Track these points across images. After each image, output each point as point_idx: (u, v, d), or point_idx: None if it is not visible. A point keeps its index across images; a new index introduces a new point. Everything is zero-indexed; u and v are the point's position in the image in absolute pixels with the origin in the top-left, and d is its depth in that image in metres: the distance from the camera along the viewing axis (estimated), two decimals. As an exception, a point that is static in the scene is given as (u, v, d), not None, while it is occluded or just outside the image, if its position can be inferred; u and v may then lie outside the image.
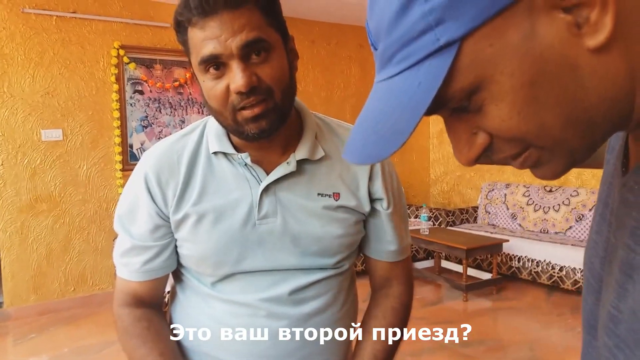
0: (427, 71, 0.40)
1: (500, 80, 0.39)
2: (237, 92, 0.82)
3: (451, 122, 0.45)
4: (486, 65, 0.39)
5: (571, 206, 4.84)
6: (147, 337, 0.95)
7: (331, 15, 5.30)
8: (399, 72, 0.42)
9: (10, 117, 4.06)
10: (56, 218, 4.27)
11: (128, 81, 4.49)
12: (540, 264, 4.53)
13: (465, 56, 0.39)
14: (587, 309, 0.52)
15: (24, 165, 4.13)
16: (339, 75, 5.69)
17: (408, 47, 0.40)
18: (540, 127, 0.41)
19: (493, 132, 0.42)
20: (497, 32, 0.38)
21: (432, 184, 6.56)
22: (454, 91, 0.40)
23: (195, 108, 4.79)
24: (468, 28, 0.38)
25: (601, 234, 0.49)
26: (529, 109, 0.40)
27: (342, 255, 1.00)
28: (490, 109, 0.41)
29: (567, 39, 0.38)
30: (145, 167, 0.95)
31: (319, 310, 0.98)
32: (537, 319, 3.93)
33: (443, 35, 0.38)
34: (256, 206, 0.93)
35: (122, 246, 0.98)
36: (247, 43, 0.80)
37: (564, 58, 0.38)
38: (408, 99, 0.41)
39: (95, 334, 3.73)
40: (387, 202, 1.01)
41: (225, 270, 0.94)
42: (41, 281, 4.23)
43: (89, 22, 4.30)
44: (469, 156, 0.44)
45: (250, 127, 0.85)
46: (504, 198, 5.46)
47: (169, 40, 4.64)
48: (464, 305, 4.29)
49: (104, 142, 4.42)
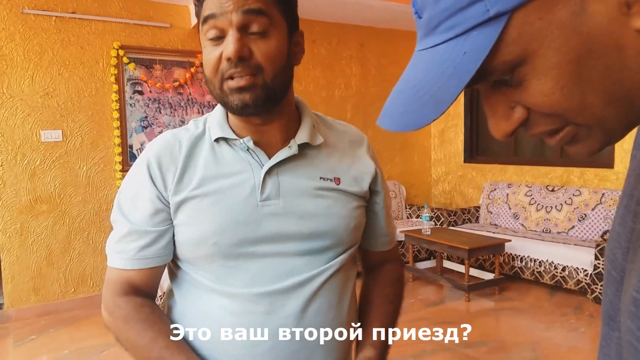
0: (474, 41, 0.40)
1: (546, 54, 0.40)
2: (227, 58, 0.84)
3: (490, 95, 0.45)
4: (534, 39, 0.39)
5: (573, 206, 4.81)
6: (153, 321, 0.94)
7: (332, 15, 5.28)
8: (444, 41, 0.42)
9: (9, 117, 4.05)
10: (56, 219, 4.26)
11: (128, 81, 4.47)
12: (542, 264, 4.50)
13: (514, 28, 0.39)
14: (606, 301, 0.51)
15: (23, 166, 4.12)
16: (339, 75, 5.67)
17: (456, 16, 0.41)
18: (582, 104, 0.41)
19: (533, 107, 0.43)
20: (547, 7, 0.38)
21: (434, 184, 6.54)
22: (498, 63, 0.41)
23: (195, 108, 4.77)
24: (519, 1, 0.38)
25: (625, 225, 0.49)
26: (572, 85, 0.40)
27: (346, 241, 0.99)
28: (533, 84, 0.41)
29: (616, 18, 0.38)
30: (147, 154, 0.97)
31: (320, 308, 0.96)
32: (540, 319, 3.91)
33: (494, 6, 0.39)
34: (259, 188, 0.93)
35: (118, 233, 0.97)
36: (248, 10, 0.83)
37: (611, 37, 0.38)
38: (453, 68, 0.41)
39: (96, 336, 3.71)
40: (383, 195, 1.09)
41: (225, 254, 0.92)
42: (41, 282, 4.22)
43: (88, 23, 4.29)
44: (506, 129, 0.45)
45: (234, 97, 0.87)
46: (506, 198, 5.43)
47: (168, 40, 4.62)
48: (466, 305, 4.27)
49: (103, 142, 4.41)
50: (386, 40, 5.88)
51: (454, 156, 6.26)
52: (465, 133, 6.10)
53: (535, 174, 5.41)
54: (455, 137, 6.21)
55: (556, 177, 5.22)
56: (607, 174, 4.79)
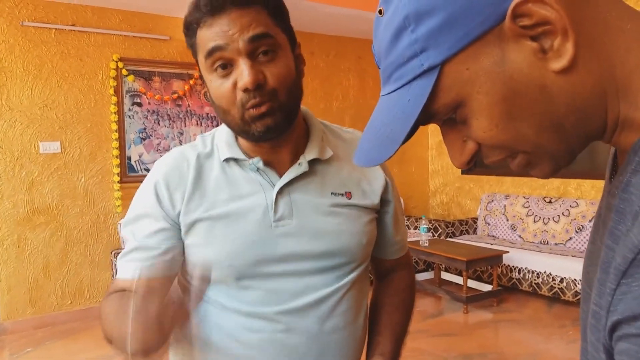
0: (415, 90, 0.47)
1: (477, 98, 0.46)
2: (244, 89, 0.83)
3: (445, 131, 0.52)
4: (465, 86, 0.46)
5: (571, 217, 4.82)
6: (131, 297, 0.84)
7: (330, 27, 5.32)
8: (395, 90, 0.50)
9: (8, 129, 4.06)
10: (53, 230, 4.25)
11: (126, 93, 4.49)
12: (540, 276, 4.50)
13: (446, 78, 0.46)
14: (583, 317, 0.53)
15: (21, 177, 4.12)
16: (337, 87, 5.70)
17: (400, 70, 0.48)
18: (517, 136, 0.47)
19: (478, 141, 0.49)
20: (472, 58, 0.45)
21: (432, 196, 6.55)
22: (438, 107, 0.47)
23: (194, 120, 4.79)
24: (446, 55, 0.45)
25: (595, 243, 0.52)
26: (505, 121, 0.46)
27: (359, 257, 0.99)
28: (473, 122, 0.48)
29: (534, 62, 0.44)
30: (156, 174, 0.96)
31: (338, 325, 0.96)
32: (539, 331, 3.90)
33: (426, 61, 0.46)
34: (271, 209, 0.93)
35: (126, 249, 0.97)
36: (254, 37, 0.83)
37: (532, 79, 0.44)
38: (401, 113, 0.48)
39: (92, 348, 3.69)
40: (393, 203, 1.07)
41: (240, 275, 0.92)
42: (38, 294, 4.20)
43: (87, 35, 4.32)
44: (461, 160, 0.51)
45: (256, 125, 0.86)
46: (504, 209, 5.44)
47: (167, 52, 4.65)
48: (464, 317, 4.26)
49: (102, 154, 4.41)
50: (384, 53, 5.92)
51: (451, 167, 6.28)
52: (462, 145, 6.12)
53: (533, 185, 5.42)
54: (452, 148, 6.22)
55: (553, 188, 5.24)
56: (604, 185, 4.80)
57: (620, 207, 0.44)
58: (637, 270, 0.39)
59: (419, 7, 0.45)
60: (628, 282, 0.39)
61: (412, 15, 0.46)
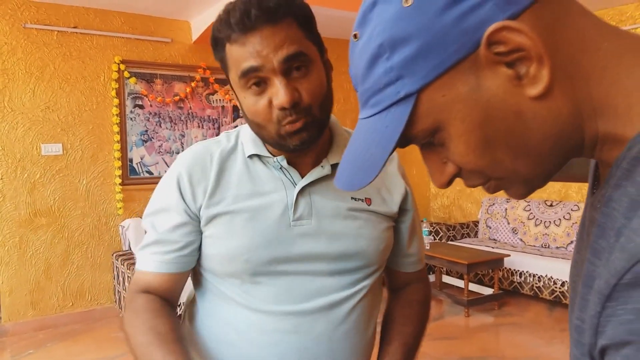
0: (392, 116, 0.48)
1: (454, 124, 0.46)
2: (281, 107, 0.84)
3: (424, 153, 0.52)
4: (441, 112, 0.46)
5: (572, 220, 4.82)
6: (161, 313, 0.93)
7: (331, 30, 5.33)
8: (373, 115, 0.50)
9: (10, 131, 4.07)
10: (55, 232, 4.25)
11: (128, 96, 4.50)
12: (542, 279, 4.50)
13: (423, 104, 0.46)
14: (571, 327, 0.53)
15: (23, 179, 4.12)
16: (338, 90, 5.71)
17: (377, 96, 0.48)
18: (493, 161, 0.47)
19: (457, 164, 0.50)
20: (447, 85, 0.45)
21: (433, 198, 6.54)
22: (417, 132, 0.48)
23: (195, 122, 4.80)
24: (422, 83, 0.45)
25: (580, 253, 0.52)
26: (482, 147, 0.46)
27: (375, 262, 0.99)
28: (451, 146, 0.48)
29: (510, 89, 0.44)
30: (178, 167, 0.97)
31: (349, 333, 0.96)
32: (540, 334, 3.89)
33: (402, 89, 0.46)
34: (291, 208, 0.94)
35: (146, 240, 0.99)
36: (289, 57, 0.83)
37: (508, 105, 0.44)
38: (379, 138, 0.49)
39: (94, 350, 3.68)
40: (411, 213, 1.08)
41: (255, 271, 0.92)
42: (39, 296, 4.20)
43: (90, 37, 4.33)
44: (441, 181, 0.52)
45: (292, 140, 0.88)
46: (505, 212, 5.44)
47: (169, 55, 4.66)
48: (465, 320, 4.26)
49: (103, 156, 4.42)
50: (385, 56, 5.92)
51: (452, 171, 6.27)
52: (463, 148, 6.12)
53: (534, 188, 5.41)
54: (454, 151, 6.23)
55: (554, 192, 5.23)
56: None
57: (602, 222, 0.44)
58: (621, 294, 0.38)
59: (393, 35, 0.45)
60: (612, 305, 0.39)
61: (386, 43, 0.46)
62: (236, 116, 5.01)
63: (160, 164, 4.66)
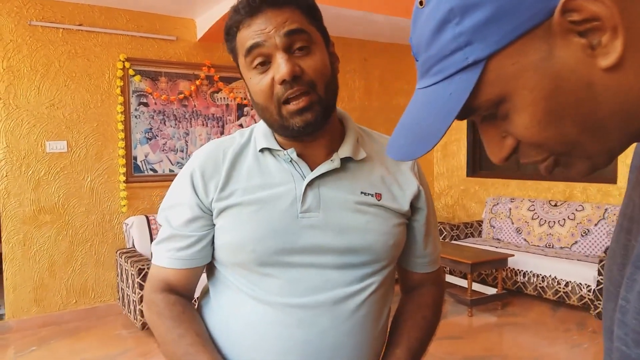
0: (458, 84, 0.46)
1: (521, 93, 0.45)
2: (281, 81, 0.87)
3: (484, 126, 0.51)
4: (509, 81, 0.45)
5: (577, 221, 4.80)
6: (183, 319, 0.97)
7: (336, 29, 5.32)
8: (435, 83, 0.48)
9: (15, 128, 4.08)
10: (59, 230, 4.26)
11: (133, 93, 4.50)
12: (545, 279, 4.48)
13: (491, 72, 0.45)
14: (607, 317, 0.53)
15: (28, 176, 4.13)
16: (343, 89, 5.69)
17: (442, 63, 0.47)
18: (558, 134, 0.46)
19: (518, 138, 0.48)
20: (518, 53, 0.44)
21: (436, 198, 6.53)
22: (481, 102, 0.47)
23: (200, 120, 4.80)
24: (493, 49, 0.44)
25: (619, 242, 0.52)
26: (547, 119, 0.45)
27: (383, 258, 0.98)
28: (515, 118, 0.47)
29: (582, 59, 0.43)
30: (193, 164, 1.01)
31: (353, 330, 0.95)
32: (543, 335, 3.89)
33: (471, 54, 0.45)
34: (299, 200, 0.95)
35: (161, 235, 1.02)
36: (289, 32, 0.87)
37: (579, 76, 0.43)
38: (441, 107, 0.47)
39: (97, 347, 3.70)
40: (425, 212, 1.06)
41: (262, 262, 0.93)
42: (43, 293, 4.22)
43: (95, 35, 4.33)
44: (500, 156, 0.51)
45: (295, 120, 0.90)
46: (509, 212, 5.43)
47: (174, 53, 4.67)
48: (469, 320, 4.25)
49: (108, 153, 4.43)
50: (389, 55, 5.92)
51: (456, 170, 6.27)
52: (467, 147, 6.11)
53: (538, 188, 5.41)
54: (457, 151, 6.22)
55: (559, 192, 5.22)
56: (610, 189, 4.79)
57: None
58: None
59: None
60: None
61: (457, 8, 0.45)
62: (240, 114, 5.01)
63: (164, 162, 4.67)
